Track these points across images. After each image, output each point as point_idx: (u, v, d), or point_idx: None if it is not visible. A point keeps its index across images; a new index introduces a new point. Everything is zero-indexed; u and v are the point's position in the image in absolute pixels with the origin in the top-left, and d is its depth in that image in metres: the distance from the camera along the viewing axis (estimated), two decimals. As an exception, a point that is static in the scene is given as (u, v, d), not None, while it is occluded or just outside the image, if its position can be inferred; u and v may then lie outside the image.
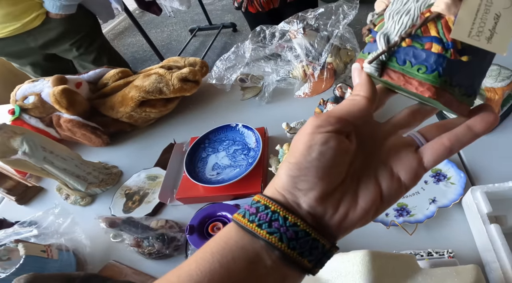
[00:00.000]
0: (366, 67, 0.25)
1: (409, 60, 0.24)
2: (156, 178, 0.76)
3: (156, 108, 0.87)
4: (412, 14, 0.24)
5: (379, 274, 0.39)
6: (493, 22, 0.22)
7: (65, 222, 0.63)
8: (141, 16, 3.70)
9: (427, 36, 0.23)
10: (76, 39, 1.39)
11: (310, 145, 0.23)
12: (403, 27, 0.24)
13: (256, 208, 0.24)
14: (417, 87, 0.24)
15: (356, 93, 0.26)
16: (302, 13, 0.76)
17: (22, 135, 0.64)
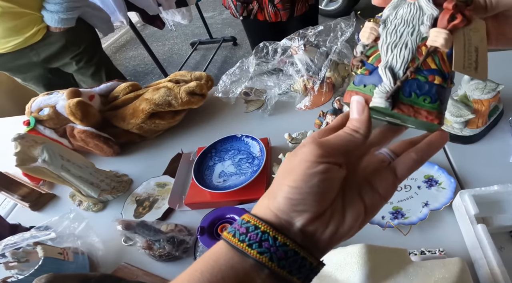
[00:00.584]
0: (379, 102, 0.27)
1: (414, 92, 0.26)
2: (165, 185, 0.81)
3: (164, 119, 0.93)
4: (410, 48, 0.27)
5: (374, 265, 0.44)
6: (475, 55, 0.26)
7: (80, 226, 0.68)
8: (142, 29, 3.81)
9: (428, 69, 0.26)
10: (76, 52, 1.43)
11: (312, 173, 0.25)
12: (405, 61, 0.27)
13: (246, 228, 0.25)
14: (426, 116, 0.26)
15: (355, 129, 0.27)
16: (303, 31, 0.83)
17: (43, 144, 0.70)
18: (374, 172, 0.29)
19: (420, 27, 0.27)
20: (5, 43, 1.29)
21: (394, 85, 0.26)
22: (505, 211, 0.60)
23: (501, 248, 0.58)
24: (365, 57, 0.29)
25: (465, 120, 0.71)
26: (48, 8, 1.27)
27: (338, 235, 0.26)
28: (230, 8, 1.44)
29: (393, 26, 0.28)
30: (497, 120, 0.75)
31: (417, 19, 0.27)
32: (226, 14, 3.79)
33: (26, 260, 0.67)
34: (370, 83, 0.28)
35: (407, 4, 0.28)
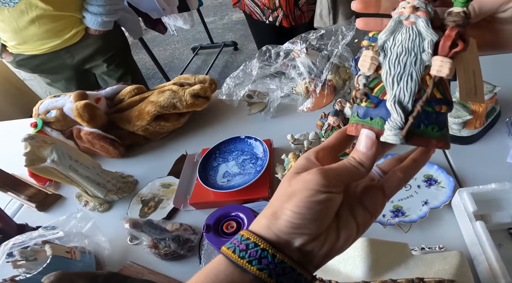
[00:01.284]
0: (393, 139, 0.27)
1: (423, 123, 0.27)
2: (169, 186, 0.84)
3: (169, 121, 0.96)
4: (416, 79, 0.27)
5: (376, 258, 0.46)
6: (473, 79, 0.28)
7: (86, 226, 0.70)
8: (144, 34, 3.85)
9: (435, 99, 0.27)
10: (109, 55, 1.46)
11: (315, 201, 0.26)
12: (413, 93, 0.27)
13: (246, 245, 0.26)
14: (436, 144, 0.27)
15: (361, 163, 0.28)
16: (305, 34, 0.86)
17: (52, 144, 0.72)
18: (364, 190, 0.31)
19: (422, 55, 0.27)
20: (42, 44, 1.30)
21: (404, 119, 0.27)
22: (503, 209, 0.63)
23: (500, 245, 0.60)
24: (369, 90, 0.29)
25: (463, 121, 0.74)
26: (91, 10, 1.29)
27: (332, 252, 0.28)
28: (253, 13, 1.47)
29: (394, 56, 0.28)
30: (494, 121, 0.77)
31: (418, 46, 0.27)
32: (227, 19, 3.84)
33: (34, 259, 0.68)
34: (377, 116, 0.28)
35: (404, 29, 0.28)
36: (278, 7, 1.36)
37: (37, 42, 1.29)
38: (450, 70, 0.26)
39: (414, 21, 0.27)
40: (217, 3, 4.35)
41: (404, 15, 0.28)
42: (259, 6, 1.41)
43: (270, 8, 1.38)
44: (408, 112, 0.27)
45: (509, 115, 0.75)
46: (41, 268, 0.65)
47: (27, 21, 1.21)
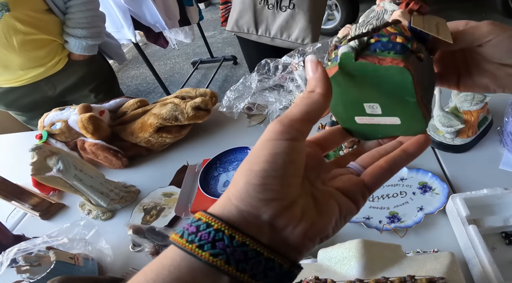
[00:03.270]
0: (344, 47, 0.27)
1: (379, 48, 0.27)
2: (171, 195, 0.88)
3: (171, 133, 1.01)
4: (374, 24, 0.30)
5: (371, 259, 0.50)
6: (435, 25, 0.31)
7: (90, 233, 0.74)
8: (144, 48, 3.95)
9: (390, 33, 0.28)
10: (95, 84, 1.41)
11: (276, 153, 0.22)
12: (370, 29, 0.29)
13: (196, 227, 0.22)
14: (391, 61, 0.26)
15: (311, 89, 0.26)
16: (302, 48, 0.92)
17: (58, 154, 0.77)
18: (343, 181, 0.28)
19: (384, 15, 0.33)
20: (23, 74, 1.23)
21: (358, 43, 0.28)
22: (495, 213, 0.66)
23: (493, 249, 0.63)
24: (339, 42, 0.31)
25: (455, 130, 0.78)
26: (74, 34, 1.24)
27: (312, 230, 0.24)
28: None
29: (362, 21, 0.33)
30: (486, 130, 0.82)
31: (382, 14, 0.33)
32: (227, 34, 3.95)
33: (38, 264, 0.71)
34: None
35: (374, 11, 0.35)
36: None
37: (18, 71, 1.21)
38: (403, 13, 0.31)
39: (382, 5, 0.34)
40: (217, 17, 4.48)
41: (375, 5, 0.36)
42: None
43: None
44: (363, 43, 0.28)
45: (500, 124, 0.79)
46: (44, 273, 0.68)
47: (7, 47, 1.13)
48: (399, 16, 0.31)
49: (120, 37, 2.12)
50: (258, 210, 0.22)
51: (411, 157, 0.28)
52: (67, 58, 1.31)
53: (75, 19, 1.24)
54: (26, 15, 1.14)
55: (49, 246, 0.72)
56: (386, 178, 0.28)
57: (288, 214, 0.23)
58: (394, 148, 0.30)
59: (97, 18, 1.31)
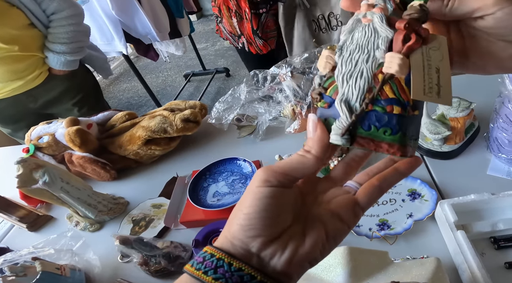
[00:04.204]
0: (336, 140, 0.27)
1: (374, 124, 0.26)
2: (160, 206, 0.89)
3: (160, 146, 1.02)
4: (366, 77, 0.27)
5: (356, 265, 0.51)
6: (436, 76, 0.26)
7: (77, 244, 0.75)
8: (136, 61, 3.99)
9: (386, 98, 0.26)
10: (78, 98, 1.42)
11: (258, 198, 0.27)
12: (362, 92, 0.26)
13: (203, 257, 0.27)
14: (387, 149, 0.26)
15: (307, 148, 0.28)
16: (289, 58, 0.95)
17: (44, 167, 0.78)
18: (336, 200, 0.31)
19: (375, 52, 0.27)
20: (3, 87, 1.25)
21: (350, 119, 0.26)
22: (483, 218, 0.68)
23: (482, 254, 0.64)
24: (323, 89, 0.29)
25: (443, 137, 0.80)
26: (54, 49, 1.26)
27: (298, 256, 0.27)
28: (229, 39, 1.58)
29: (348, 53, 0.28)
30: (474, 136, 0.84)
31: (372, 44, 0.27)
32: (219, 45, 4.01)
33: (24, 275, 0.72)
34: (330, 116, 0.28)
35: (362, 27, 0.28)
36: (241, 34, 1.46)
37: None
38: (400, 66, 0.25)
39: (371, 18, 0.27)
40: (209, 29, 4.55)
41: (362, 13, 0.28)
42: (229, 34, 1.52)
43: (236, 35, 1.48)
44: (355, 111, 0.27)
45: (486, 130, 0.82)
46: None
47: None
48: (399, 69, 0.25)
49: (111, 50, 2.14)
50: (247, 245, 0.27)
51: (402, 176, 0.31)
52: (48, 72, 1.32)
53: (56, 34, 1.26)
54: (8, 33, 1.16)
55: (35, 256, 0.72)
56: (378, 195, 0.30)
57: (272, 246, 0.27)
58: (386, 166, 0.32)
59: (78, 33, 1.32)
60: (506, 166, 0.77)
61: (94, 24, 2.00)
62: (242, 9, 1.37)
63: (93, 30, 2.02)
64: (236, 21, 1.42)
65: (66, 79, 1.36)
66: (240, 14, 1.39)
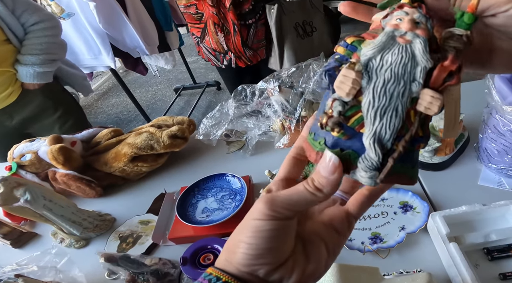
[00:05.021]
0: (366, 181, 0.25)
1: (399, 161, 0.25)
2: (148, 222, 0.89)
3: (147, 162, 1.02)
4: (401, 115, 0.24)
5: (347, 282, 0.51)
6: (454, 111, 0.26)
7: (62, 261, 0.74)
8: (125, 75, 4.01)
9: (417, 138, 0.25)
10: (58, 114, 1.41)
11: (263, 230, 0.27)
12: (395, 131, 0.24)
13: (208, 280, 0.27)
14: (407, 182, 0.26)
15: (319, 186, 0.26)
16: (277, 73, 0.97)
17: (25, 185, 0.78)
18: (329, 213, 0.32)
19: (412, 85, 0.24)
20: None
21: (382, 160, 0.24)
22: (475, 230, 0.69)
23: (476, 266, 0.65)
24: (344, 120, 0.25)
25: (433, 149, 0.82)
26: (23, 61, 1.24)
27: (305, 277, 0.28)
28: (210, 60, 1.60)
29: (381, 83, 0.24)
30: (464, 147, 0.86)
31: (409, 73, 0.24)
32: (210, 60, 4.04)
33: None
34: (350, 148, 0.25)
35: (397, 48, 0.24)
36: (228, 50, 1.48)
37: None
38: (439, 108, 0.23)
39: (411, 39, 0.24)
40: (200, 43, 4.60)
41: (400, 31, 0.24)
42: (211, 53, 1.54)
43: (221, 52, 1.51)
44: (386, 151, 0.24)
45: (476, 141, 0.83)
46: (13, 301, 0.67)
47: None
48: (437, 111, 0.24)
49: (98, 64, 2.13)
50: (254, 271, 0.27)
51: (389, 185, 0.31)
52: (21, 89, 1.31)
53: (29, 45, 1.25)
54: None
55: (18, 273, 0.71)
56: (369, 204, 0.31)
57: (279, 271, 0.27)
58: None
59: (53, 45, 1.31)
60: (497, 176, 0.78)
61: (80, 38, 2.00)
62: (229, 23, 1.40)
63: (80, 44, 2.04)
64: (223, 36, 1.44)
65: (41, 94, 1.35)
66: (227, 28, 1.41)
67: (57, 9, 1.88)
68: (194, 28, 1.53)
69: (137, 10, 2.08)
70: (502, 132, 0.73)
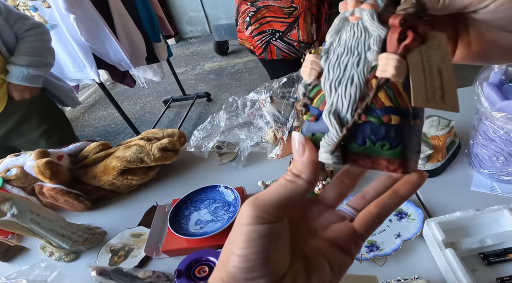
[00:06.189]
0: (326, 158, 0.24)
1: (369, 138, 0.24)
2: (140, 235, 0.89)
3: (137, 175, 1.02)
4: (357, 83, 0.24)
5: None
6: (439, 79, 0.23)
7: (52, 275, 0.74)
8: (112, 88, 3.99)
9: (382, 107, 0.23)
10: (43, 129, 1.40)
11: (252, 238, 0.24)
12: (353, 101, 0.24)
13: None
14: (387, 166, 0.24)
15: (296, 172, 0.26)
16: (268, 83, 0.98)
17: (12, 200, 0.77)
18: (333, 229, 0.29)
19: (367, 54, 0.24)
20: None
21: (341, 133, 0.24)
22: (471, 235, 0.70)
23: (473, 271, 0.66)
24: (309, 100, 0.26)
25: (425, 156, 0.84)
26: (17, 62, 1.25)
27: None
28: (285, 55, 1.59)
29: (335, 57, 0.25)
30: (455, 153, 0.88)
31: (363, 44, 0.24)
32: (199, 70, 4.08)
33: (-6, 307, 0.69)
34: (318, 131, 0.26)
35: (349, 26, 0.25)
36: (315, 40, 1.51)
37: None
38: (396, 69, 0.23)
39: (360, 16, 0.25)
40: (188, 52, 4.64)
41: (349, 11, 0.26)
42: (294, 46, 1.55)
43: (307, 43, 1.53)
44: (346, 124, 0.24)
45: (467, 147, 0.86)
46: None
47: None
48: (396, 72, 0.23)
49: (84, 77, 2.13)
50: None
51: (402, 199, 0.28)
52: (6, 99, 1.31)
53: (23, 49, 1.28)
54: None
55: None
56: (377, 224, 0.29)
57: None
58: (384, 187, 0.30)
59: (45, 49, 1.35)
60: (489, 181, 0.80)
61: (64, 50, 2.00)
62: (322, 13, 1.46)
63: (64, 57, 2.03)
64: (315, 27, 1.48)
65: (27, 106, 1.35)
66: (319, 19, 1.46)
67: (40, 21, 1.89)
68: (276, 23, 1.53)
69: (123, 20, 2.08)
70: (492, 138, 0.75)
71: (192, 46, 4.91)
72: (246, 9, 1.58)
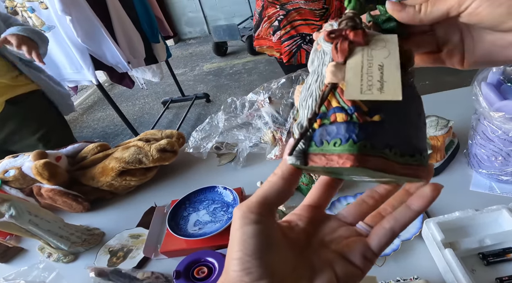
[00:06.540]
0: (289, 159, 0.27)
1: (325, 139, 0.26)
2: (139, 236, 0.89)
3: (136, 176, 1.03)
4: (314, 95, 0.27)
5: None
6: (379, 73, 0.25)
7: (50, 276, 0.74)
8: (111, 89, 4.00)
9: (330, 109, 0.26)
10: (42, 132, 1.41)
11: (244, 239, 0.26)
12: (310, 110, 0.27)
13: None
14: (337, 161, 0.25)
15: (276, 171, 0.29)
16: (267, 84, 0.99)
17: (10, 201, 0.78)
18: (348, 244, 0.30)
19: (323, 69, 0.27)
20: None
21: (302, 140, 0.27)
22: (470, 235, 0.71)
23: (472, 271, 0.66)
24: (294, 121, 0.32)
25: (424, 155, 0.84)
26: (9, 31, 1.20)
27: None
28: None
29: (307, 81, 0.29)
30: (454, 153, 0.89)
31: (321, 64, 0.28)
32: (198, 70, 4.08)
33: (-8, 308, 0.70)
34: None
35: (317, 54, 0.29)
36: None
37: None
38: (332, 72, 0.26)
39: (320, 43, 0.28)
40: (187, 53, 4.65)
41: (316, 42, 0.30)
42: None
43: None
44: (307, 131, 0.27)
45: (466, 147, 0.86)
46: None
47: None
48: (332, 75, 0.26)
49: (81, 78, 2.13)
50: None
51: (416, 214, 0.28)
52: (3, 106, 1.32)
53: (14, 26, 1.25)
54: None
55: None
56: (390, 238, 0.29)
57: None
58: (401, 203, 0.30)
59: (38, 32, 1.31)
60: (488, 181, 0.81)
61: (62, 52, 2.01)
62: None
63: (62, 58, 2.04)
64: None
65: (23, 107, 1.36)
66: None
67: (38, 22, 1.90)
68: (305, 26, 1.47)
69: (122, 21, 2.09)
70: (490, 138, 0.76)
71: (191, 47, 4.92)
72: (275, 12, 1.51)
